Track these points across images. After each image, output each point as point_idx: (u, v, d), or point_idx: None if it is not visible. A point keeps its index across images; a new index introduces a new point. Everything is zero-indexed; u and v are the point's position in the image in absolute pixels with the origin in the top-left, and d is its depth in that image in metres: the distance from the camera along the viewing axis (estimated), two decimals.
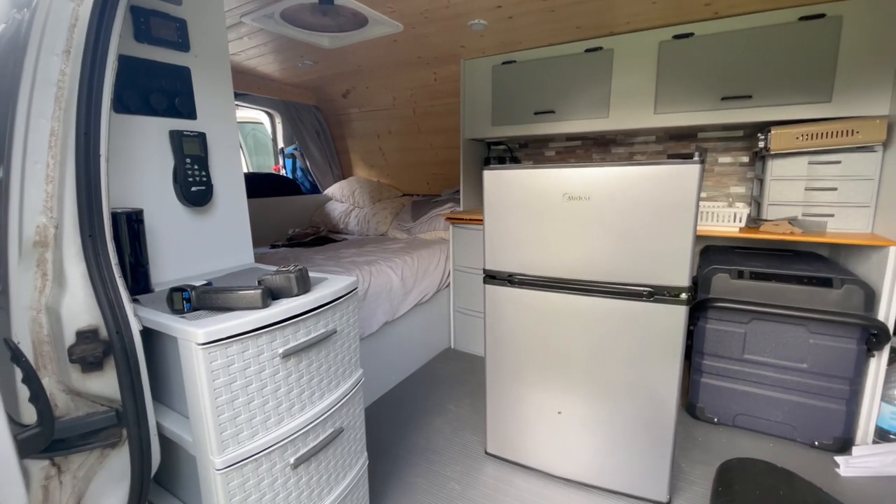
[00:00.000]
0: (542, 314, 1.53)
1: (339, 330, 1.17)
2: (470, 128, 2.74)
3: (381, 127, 3.73)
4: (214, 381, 0.89)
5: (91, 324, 0.92)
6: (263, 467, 0.99)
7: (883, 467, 1.53)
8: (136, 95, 1.14)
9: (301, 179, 4.07)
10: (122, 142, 1.13)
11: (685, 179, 1.24)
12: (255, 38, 2.39)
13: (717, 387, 1.90)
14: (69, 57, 0.90)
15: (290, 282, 1.04)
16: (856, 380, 1.66)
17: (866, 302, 1.62)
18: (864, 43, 1.75)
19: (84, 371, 0.92)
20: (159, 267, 1.21)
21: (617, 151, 2.72)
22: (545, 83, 2.44)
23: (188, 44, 1.24)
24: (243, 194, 1.45)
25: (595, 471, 1.56)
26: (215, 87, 1.32)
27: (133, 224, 1.07)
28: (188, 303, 0.96)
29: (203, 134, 1.28)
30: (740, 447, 1.77)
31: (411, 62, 2.85)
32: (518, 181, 1.48)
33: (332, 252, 2.68)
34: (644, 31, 2.15)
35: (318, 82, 3.42)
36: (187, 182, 1.24)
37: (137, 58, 1.14)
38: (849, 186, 1.82)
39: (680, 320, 1.34)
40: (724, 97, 2.01)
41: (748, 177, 2.36)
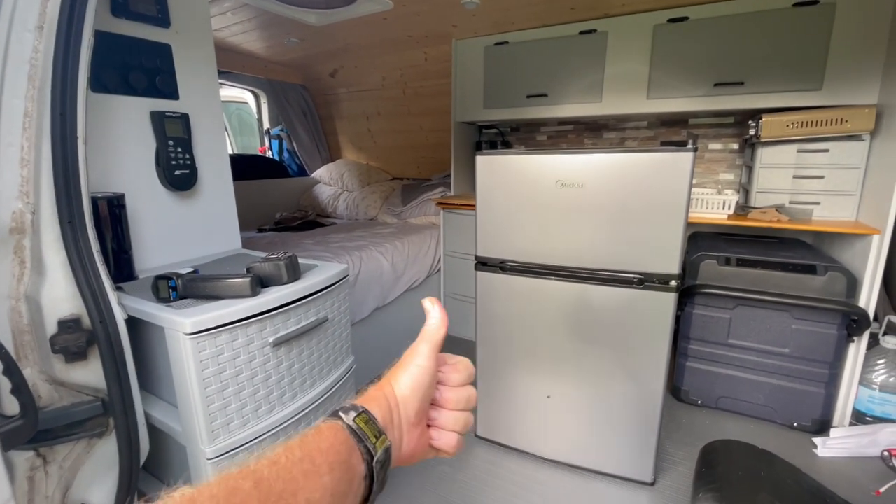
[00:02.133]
0: (533, 300, 1.53)
1: (330, 317, 1.16)
2: (461, 110, 2.70)
3: (370, 108, 3.65)
4: (203, 371, 0.87)
5: (73, 313, 0.89)
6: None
7: (859, 448, 1.59)
8: (115, 74, 1.09)
9: (288, 161, 3.99)
10: (101, 123, 1.08)
11: (679, 167, 1.24)
12: (239, 13, 2.30)
13: (702, 370, 1.94)
14: (42, 33, 0.85)
15: (280, 269, 1.02)
16: (835, 364, 1.71)
17: (848, 289, 1.65)
18: (855, 31, 1.74)
19: (67, 361, 0.89)
20: (143, 253, 1.17)
21: (609, 137, 2.70)
22: (538, 66, 2.40)
23: (168, 19, 1.18)
24: (229, 178, 1.41)
25: (583, 453, 1.59)
26: (198, 66, 1.27)
27: (114, 209, 1.04)
28: (174, 291, 0.93)
29: (186, 115, 1.23)
30: (723, 429, 1.83)
31: (401, 41, 2.77)
32: (511, 167, 1.46)
33: (320, 237, 2.64)
34: (639, 14, 2.11)
35: (305, 61, 3.32)
36: (170, 165, 1.20)
37: (115, 34, 1.09)
38: (836, 175, 1.84)
39: (669, 307, 1.35)
40: (716, 83, 2.00)
41: (737, 164, 2.37)
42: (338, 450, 0.31)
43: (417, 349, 0.40)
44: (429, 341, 0.40)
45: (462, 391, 0.42)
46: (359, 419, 0.34)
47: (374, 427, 0.34)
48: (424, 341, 0.40)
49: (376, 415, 0.35)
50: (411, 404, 0.38)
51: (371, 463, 0.32)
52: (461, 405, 0.42)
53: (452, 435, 0.41)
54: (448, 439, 0.41)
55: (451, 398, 0.41)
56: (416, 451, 0.40)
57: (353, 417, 0.34)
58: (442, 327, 0.41)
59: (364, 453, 0.32)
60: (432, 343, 0.40)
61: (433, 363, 0.39)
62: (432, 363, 0.39)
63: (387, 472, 0.35)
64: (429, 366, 0.39)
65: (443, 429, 0.41)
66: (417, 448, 0.40)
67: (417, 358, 0.39)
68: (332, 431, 0.32)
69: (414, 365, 0.39)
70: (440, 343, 0.41)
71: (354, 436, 0.32)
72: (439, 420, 0.41)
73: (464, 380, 0.42)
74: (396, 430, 0.37)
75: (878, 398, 1.68)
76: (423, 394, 0.39)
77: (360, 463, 0.32)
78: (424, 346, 0.40)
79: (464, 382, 0.42)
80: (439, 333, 0.41)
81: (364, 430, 0.33)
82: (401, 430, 0.38)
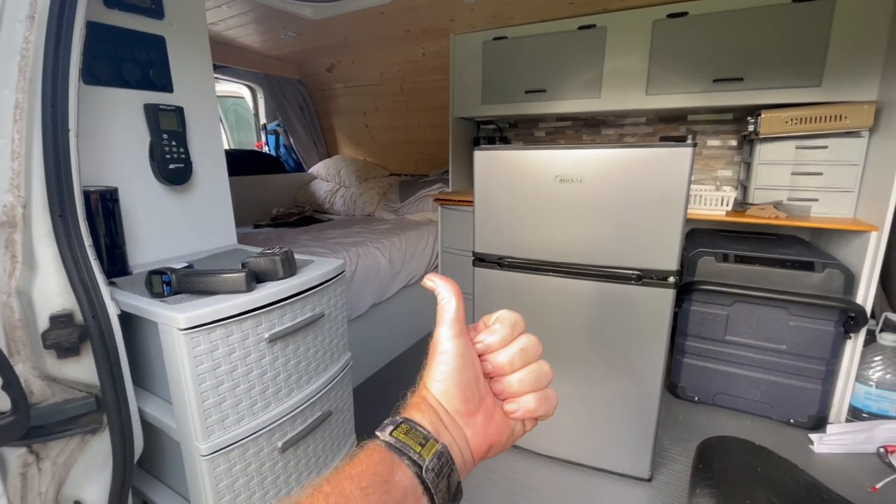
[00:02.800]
0: (532, 297, 1.53)
1: (326, 313, 1.15)
2: (459, 106, 2.68)
3: (368, 103, 3.63)
4: (198, 367, 0.86)
5: (65, 308, 0.88)
6: (250, 452, 0.98)
7: (855, 445, 1.59)
8: (108, 66, 1.07)
9: (285, 157, 3.96)
10: (94, 116, 1.07)
11: (678, 163, 1.23)
12: (235, 6, 2.28)
13: (699, 367, 1.94)
14: (34, 23, 0.84)
15: (276, 264, 1.01)
16: (832, 360, 1.71)
17: (846, 285, 1.65)
18: (854, 27, 1.74)
19: (60, 357, 0.88)
20: (137, 248, 1.16)
21: (607, 133, 2.69)
22: (537, 61, 2.39)
23: (162, 11, 1.17)
24: (224, 172, 1.39)
25: (580, 449, 1.59)
26: (193, 58, 1.25)
27: (108, 203, 1.02)
28: (168, 286, 0.92)
29: (180, 108, 1.22)
30: (719, 425, 1.83)
31: (399, 36, 2.75)
32: (509, 162, 1.45)
33: (317, 232, 2.63)
34: (638, 9, 2.10)
35: (302, 55, 3.30)
36: (165, 159, 1.19)
37: (108, 25, 1.07)
38: (834, 171, 1.84)
39: (667, 304, 1.35)
40: (715, 79, 1.99)
41: (736, 160, 2.37)
42: (374, 471, 0.28)
43: (437, 336, 0.36)
44: (445, 321, 0.36)
45: (511, 348, 0.37)
46: (397, 432, 0.31)
47: (418, 435, 0.32)
48: (440, 324, 0.36)
49: (421, 421, 0.33)
50: (453, 395, 0.35)
51: (421, 474, 0.30)
52: (519, 362, 0.37)
53: (528, 397, 0.37)
54: (526, 404, 0.36)
55: (503, 362, 0.37)
56: (497, 437, 0.36)
57: (390, 432, 0.31)
58: (452, 299, 0.36)
59: (411, 466, 0.30)
60: (448, 321, 0.36)
61: (461, 341, 0.35)
62: (459, 342, 0.35)
63: (451, 479, 0.32)
64: (454, 348, 0.35)
65: (516, 396, 0.37)
66: (495, 433, 0.36)
67: (439, 345, 0.36)
68: (368, 453, 0.30)
69: (438, 354, 0.36)
70: (460, 316, 0.36)
71: (395, 451, 0.30)
72: (505, 390, 0.37)
73: (506, 335, 0.37)
74: (451, 428, 0.34)
75: (874, 395, 1.68)
76: (461, 379, 0.35)
77: (409, 477, 0.29)
78: (442, 328, 0.36)
79: (507, 338, 0.37)
80: (451, 307, 0.36)
81: (405, 442, 0.31)
82: (457, 427, 0.35)
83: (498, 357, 0.37)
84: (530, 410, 0.37)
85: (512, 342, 0.37)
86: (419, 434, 0.32)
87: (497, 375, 0.37)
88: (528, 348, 0.37)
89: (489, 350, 0.37)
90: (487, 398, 0.37)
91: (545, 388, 0.38)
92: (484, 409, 0.36)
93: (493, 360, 0.37)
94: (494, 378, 0.37)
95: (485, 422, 0.36)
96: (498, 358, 0.37)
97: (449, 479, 0.31)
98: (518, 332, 0.38)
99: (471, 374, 0.35)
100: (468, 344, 0.36)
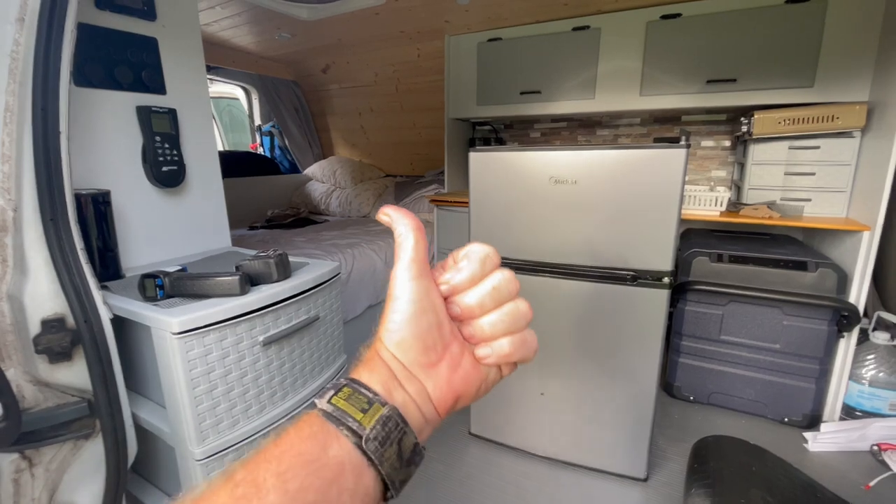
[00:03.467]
0: (527, 297, 1.50)
1: (321, 316, 1.15)
2: (454, 107, 2.68)
3: (363, 104, 3.62)
4: (191, 371, 0.86)
5: (57, 312, 0.87)
6: (246, 457, 0.97)
7: (849, 443, 1.60)
8: (99, 68, 1.07)
9: (280, 158, 3.95)
10: (86, 118, 1.06)
11: (672, 163, 1.23)
12: (229, 7, 2.27)
13: (694, 366, 1.95)
14: (23, 25, 0.83)
15: (270, 267, 1.00)
16: (825, 359, 1.72)
17: (839, 285, 1.66)
18: (847, 29, 1.75)
19: (52, 361, 0.88)
20: (130, 251, 1.15)
21: (602, 134, 2.70)
22: (531, 62, 2.39)
23: (154, 12, 1.16)
24: (218, 174, 1.39)
25: (576, 449, 1.59)
26: (185, 60, 1.25)
27: (100, 206, 1.02)
28: (161, 290, 0.92)
29: (173, 110, 1.21)
30: (715, 424, 1.84)
31: (394, 37, 2.75)
32: (504, 164, 1.45)
33: (313, 234, 2.62)
34: (632, 10, 2.11)
35: (297, 56, 3.29)
36: (158, 162, 1.18)
37: (99, 27, 1.06)
38: (826, 171, 1.85)
39: (662, 304, 1.35)
40: (709, 80, 2.00)
41: (729, 161, 2.38)
42: (299, 450, 0.24)
43: (392, 279, 0.31)
44: (400, 261, 0.31)
45: (481, 287, 0.32)
46: (337, 398, 0.27)
47: (361, 399, 0.27)
48: (396, 263, 0.31)
49: (369, 381, 0.29)
50: (410, 346, 0.30)
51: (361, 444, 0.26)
52: (490, 302, 0.32)
53: (502, 341, 0.32)
54: (499, 349, 0.32)
55: (472, 303, 0.32)
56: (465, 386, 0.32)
57: (329, 398, 0.27)
58: (409, 235, 0.31)
59: (350, 436, 0.26)
60: (405, 261, 0.31)
61: (418, 283, 0.31)
62: (417, 284, 0.30)
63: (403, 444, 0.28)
64: (411, 291, 0.30)
65: (488, 341, 0.32)
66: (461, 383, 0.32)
67: (394, 289, 0.31)
68: (298, 428, 0.26)
69: (393, 300, 0.31)
70: (419, 255, 0.31)
71: (333, 420, 0.26)
72: (476, 334, 0.32)
73: (475, 273, 0.32)
74: (408, 383, 0.30)
75: (867, 393, 1.69)
76: (419, 326, 0.30)
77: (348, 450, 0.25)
78: (398, 269, 0.31)
79: (476, 276, 0.32)
80: (408, 245, 0.31)
81: (344, 409, 0.26)
82: (414, 381, 0.30)
83: (466, 298, 0.32)
84: (505, 355, 0.32)
85: (483, 280, 0.32)
86: (362, 398, 0.28)
87: (467, 319, 0.32)
88: (501, 286, 0.32)
89: (456, 291, 0.32)
90: (453, 344, 0.32)
91: (523, 330, 0.33)
92: (449, 357, 0.32)
93: (460, 301, 0.32)
94: (465, 321, 0.33)
95: (449, 371, 0.31)
96: (466, 299, 0.32)
97: (400, 444, 0.28)
98: (490, 268, 0.32)
99: (431, 319, 0.31)
100: (429, 286, 0.31)
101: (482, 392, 0.34)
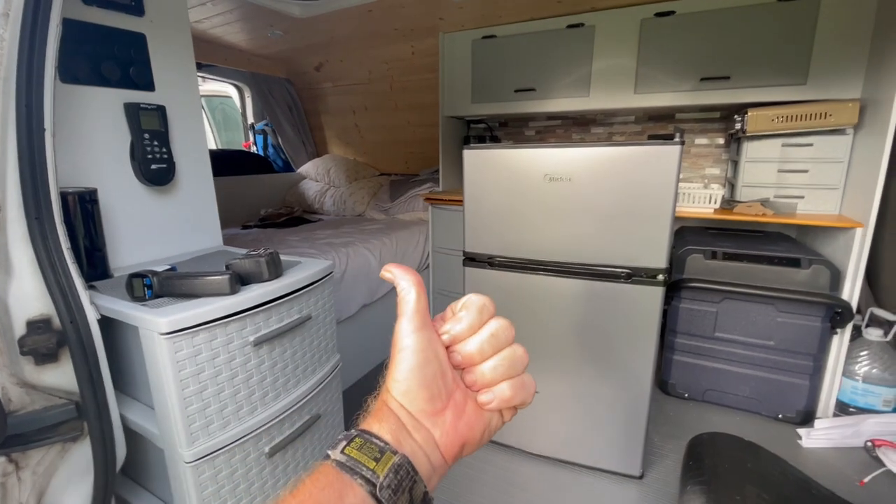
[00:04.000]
0: (522, 296, 1.52)
1: (313, 315, 1.14)
2: (449, 105, 2.67)
3: (357, 102, 3.60)
4: (180, 372, 0.84)
5: (43, 313, 0.86)
6: (237, 458, 0.96)
7: (843, 439, 1.61)
8: (86, 64, 1.05)
9: (273, 157, 3.92)
10: (72, 115, 1.04)
11: (665, 160, 1.23)
12: (220, 4, 2.24)
13: (689, 364, 1.96)
14: (7, 21, 0.81)
15: (261, 266, 0.99)
16: (819, 356, 1.73)
17: (832, 281, 1.67)
18: (839, 26, 1.75)
19: (37, 363, 0.86)
20: (119, 251, 1.13)
21: (596, 131, 2.70)
22: (526, 60, 2.38)
23: (142, 7, 1.14)
24: (209, 172, 1.37)
25: (572, 448, 1.59)
26: (175, 56, 1.23)
27: (86, 205, 1.00)
28: (149, 289, 0.90)
29: (162, 107, 1.19)
30: (709, 421, 1.84)
31: (387, 34, 2.73)
32: (499, 161, 1.44)
33: (306, 233, 2.61)
34: (626, 8, 2.10)
35: (290, 54, 3.26)
36: (146, 159, 1.16)
37: (85, 22, 1.04)
38: (819, 168, 1.85)
39: (656, 301, 1.35)
40: (703, 78, 2.00)
41: (723, 158, 2.38)
42: (317, 499, 0.26)
43: (397, 331, 0.33)
44: (404, 314, 0.33)
45: (480, 334, 0.34)
46: (350, 448, 0.29)
47: (373, 448, 0.29)
48: (400, 317, 0.33)
49: (379, 431, 0.30)
50: (416, 394, 0.32)
51: (375, 493, 0.27)
52: (490, 349, 0.34)
53: (503, 385, 0.34)
54: (501, 393, 0.34)
55: (473, 350, 0.34)
56: (470, 433, 0.33)
57: (342, 449, 0.29)
58: (412, 290, 0.33)
59: (364, 485, 0.27)
60: (408, 314, 0.33)
61: (422, 335, 0.33)
62: (420, 336, 0.32)
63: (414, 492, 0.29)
64: (415, 342, 0.32)
65: (489, 386, 0.34)
66: (466, 430, 0.33)
67: (399, 341, 0.33)
68: (315, 478, 0.27)
69: (398, 351, 0.33)
70: (421, 307, 0.33)
71: (347, 470, 0.28)
72: (477, 380, 0.34)
73: (473, 322, 0.34)
74: (416, 432, 0.32)
75: (861, 389, 1.70)
76: (424, 375, 0.32)
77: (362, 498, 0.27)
78: (402, 322, 0.33)
79: (475, 324, 0.34)
80: (410, 298, 0.33)
81: (358, 459, 0.28)
82: (422, 429, 0.32)
83: (466, 346, 0.34)
84: (506, 399, 0.34)
85: (481, 328, 0.34)
86: (374, 448, 0.29)
87: (468, 366, 0.34)
88: (499, 333, 0.34)
89: (456, 340, 0.34)
90: (456, 392, 0.34)
91: (521, 374, 0.35)
92: (453, 405, 0.33)
93: (461, 350, 0.34)
94: (466, 369, 0.34)
95: (455, 418, 0.33)
96: (467, 347, 0.34)
97: (411, 492, 0.29)
98: (487, 317, 0.35)
99: (435, 368, 0.33)
100: (431, 336, 0.33)
101: (486, 438, 0.35)
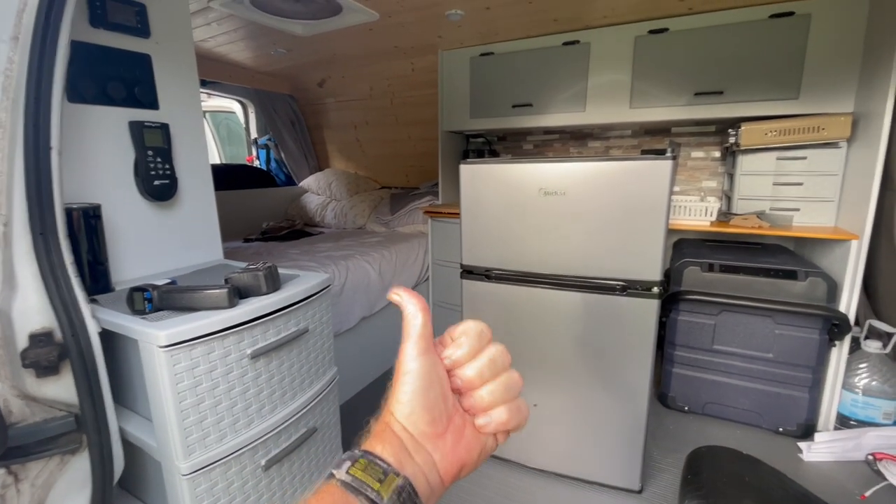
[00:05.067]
0: (519, 308, 1.53)
1: (311, 328, 1.15)
2: (448, 120, 2.72)
3: (358, 118, 3.66)
4: (178, 385, 0.86)
5: (45, 326, 0.87)
6: (233, 470, 0.97)
7: (844, 452, 1.60)
8: (92, 84, 1.08)
9: (275, 171, 3.97)
10: (79, 133, 1.07)
11: (658, 175, 1.25)
12: (225, 23, 2.31)
13: (688, 376, 1.95)
14: (17, 44, 0.85)
15: (259, 280, 1.01)
16: (818, 368, 1.72)
17: (829, 293, 1.67)
18: (830, 41, 1.79)
19: (39, 376, 0.87)
20: (120, 265, 1.16)
21: (593, 145, 2.73)
22: (523, 76, 2.43)
23: (148, 29, 1.18)
24: (210, 188, 1.40)
25: (570, 461, 1.58)
26: (179, 76, 1.27)
27: (90, 220, 1.02)
28: (150, 303, 0.92)
29: (166, 125, 1.22)
30: (709, 434, 1.83)
31: (388, 52, 2.79)
32: (494, 176, 1.47)
33: (307, 246, 2.63)
34: (620, 26, 2.15)
35: (293, 70, 3.33)
36: (149, 176, 1.19)
37: (93, 44, 1.08)
38: (814, 181, 1.87)
39: (652, 313, 1.36)
40: (697, 93, 2.03)
41: (719, 171, 2.41)
42: None
43: (402, 354, 0.34)
44: (409, 338, 0.34)
45: (479, 360, 0.35)
46: (354, 469, 0.29)
47: (377, 470, 0.30)
48: (406, 340, 0.34)
49: (382, 453, 0.31)
50: (419, 417, 0.33)
51: None
52: (488, 373, 0.35)
53: (499, 410, 0.35)
54: (498, 417, 0.35)
55: (472, 375, 0.35)
56: (468, 455, 0.35)
57: (346, 469, 0.29)
58: (418, 314, 0.34)
59: None
60: (413, 338, 0.34)
61: (426, 359, 0.34)
62: (424, 360, 0.34)
63: None
64: (419, 367, 0.33)
65: (487, 410, 0.35)
66: (465, 452, 0.34)
67: (404, 364, 0.34)
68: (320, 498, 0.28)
69: (402, 374, 0.34)
70: (426, 332, 0.34)
71: (351, 490, 0.28)
72: (476, 404, 0.35)
73: (473, 347, 0.35)
74: (417, 454, 0.32)
75: (861, 402, 1.69)
76: (427, 399, 0.33)
77: None
78: (407, 346, 0.34)
79: (475, 350, 0.35)
80: (416, 323, 0.34)
81: (362, 479, 0.29)
82: (423, 451, 0.33)
83: (466, 371, 0.35)
84: (502, 423, 0.35)
85: (480, 354, 0.35)
86: (378, 469, 0.30)
87: (467, 390, 0.35)
88: (497, 358, 0.36)
89: (457, 364, 0.35)
90: (455, 416, 0.35)
91: (516, 399, 0.36)
92: (452, 429, 0.34)
93: (461, 374, 0.35)
94: (464, 393, 0.35)
95: (454, 441, 0.34)
96: (467, 372, 0.35)
97: None
98: (485, 343, 0.36)
99: (437, 392, 0.34)
100: (435, 360, 0.34)
101: (481, 460, 0.36)
